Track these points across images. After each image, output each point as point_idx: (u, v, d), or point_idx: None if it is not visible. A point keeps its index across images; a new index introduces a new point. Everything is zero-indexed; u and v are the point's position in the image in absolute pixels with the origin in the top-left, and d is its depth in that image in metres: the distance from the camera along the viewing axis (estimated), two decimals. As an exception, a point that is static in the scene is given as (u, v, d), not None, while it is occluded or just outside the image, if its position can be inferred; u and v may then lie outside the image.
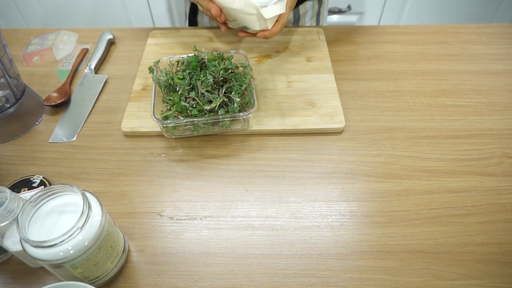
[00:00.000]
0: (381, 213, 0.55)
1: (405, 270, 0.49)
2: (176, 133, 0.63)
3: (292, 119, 0.65)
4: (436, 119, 0.67)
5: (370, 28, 0.87)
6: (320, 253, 0.51)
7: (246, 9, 0.61)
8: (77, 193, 0.42)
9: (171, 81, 0.63)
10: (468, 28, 0.86)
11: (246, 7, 0.61)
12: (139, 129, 0.64)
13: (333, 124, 0.64)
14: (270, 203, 0.56)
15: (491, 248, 0.51)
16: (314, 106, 0.67)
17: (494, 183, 0.58)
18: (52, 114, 0.69)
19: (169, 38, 0.82)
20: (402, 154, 0.62)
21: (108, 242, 0.44)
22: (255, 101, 0.61)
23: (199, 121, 0.59)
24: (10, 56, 0.63)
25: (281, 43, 0.80)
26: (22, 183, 0.57)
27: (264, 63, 0.76)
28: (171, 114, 0.60)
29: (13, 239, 0.44)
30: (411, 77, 0.75)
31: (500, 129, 0.65)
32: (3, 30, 0.86)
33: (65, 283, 0.41)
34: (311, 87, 0.71)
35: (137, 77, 0.74)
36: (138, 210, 0.56)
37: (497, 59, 0.78)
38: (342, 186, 0.58)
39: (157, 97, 0.64)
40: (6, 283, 0.49)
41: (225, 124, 0.61)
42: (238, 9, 0.61)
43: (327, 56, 0.77)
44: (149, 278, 0.49)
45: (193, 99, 0.61)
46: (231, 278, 0.49)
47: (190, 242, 0.52)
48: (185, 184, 0.59)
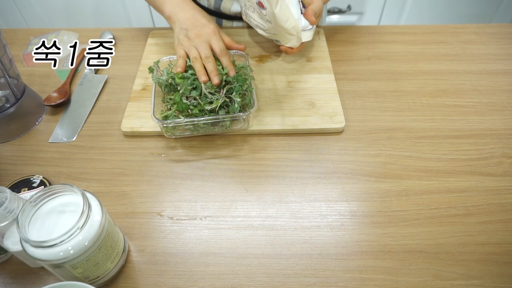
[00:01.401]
0: (381, 213, 0.55)
1: (405, 270, 0.49)
2: (176, 133, 0.63)
3: (292, 119, 0.65)
4: (436, 119, 0.67)
5: (370, 28, 0.87)
6: (320, 253, 0.51)
7: (292, 30, 0.65)
8: (77, 193, 0.42)
9: (172, 81, 0.63)
10: (468, 28, 0.86)
11: (292, 29, 0.65)
12: (139, 129, 0.64)
13: (333, 124, 0.64)
14: (270, 203, 0.56)
15: (491, 248, 0.51)
16: (314, 106, 0.67)
17: (494, 183, 0.58)
18: (52, 114, 0.69)
19: (169, 38, 0.82)
20: (402, 154, 0.62)
21: (108, 242, 0.44)
22: (255, 101, 0.61)
23: (199, 121, 0.59)
24: (10, 56, 0.63)
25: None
26: (22, 183, 0.57)
27: (264, 63, 0.76)
28: (171, 113, 0.60)
29: (13, 239, 0.44)
30: (411, 77, 0.75)
31: (500, 129, 0.65)
32: (3, 30, 0.86)
33: (65, 283, 0.41)
34: (311, 87, 0.71)
35: (137, 77, 0.74)
36: (138, 210, 0.56)
37: (497, 59, 0.78)
38: (342, 186, 0.58)
39: (157, 97, 0.64)
40: (6, 283, 0.49)
41: (226, 124, 0.61)
42: (286, 28, 0.64)
43: (327, 56, 0.77)
44: (149, 278, 0.49)
45: (194, 99, 0.61)
46: (231, 278, 0.49)
47: (190, 242, 0.52)
48: (185, 184, 0.59)
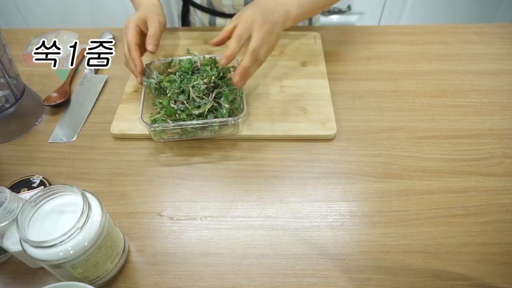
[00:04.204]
0: (381, 213, 0.55)
1: (405, 270, 0.49)
2: (165, 136, 0.62)
3: (282, 125, 0.64)
4: (436, 119, 0.67)
5: (370, 28, 0.87)
6: (320, 253, 0.51)
7: None
8: (77, 193, 0.42)
9: (161, 84, 0.62)
10: (468, 28, 0.86)
11: None
12: (128, 132, 0.64)
13: (324, 131, 0.63)
14: (270, 203, 0.56)
15: (491, 248, 0.51)
16: (306, 112, 0.66)
17: (494, 183, 0.58)
18: (52, 114, 0.69)
19: (165, 40, 0.81)
20: (402, 154, 0.62)
21: (108, 242, 0.44)
22: (244, 106, 0.60)
23: (187, 126, 0.59)
24: (10, 56, 0.62)
25: (276, 47, 0.79)
26: (22, 183, 0.57)
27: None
28: (159, 117, 0.59)
29: (13, 239, 0.44)
30: (411, 77, 0.75)
31: (500, 129, 0.65)
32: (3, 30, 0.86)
33: (65, 283, 0.41)
34: (304, 92, 0.70)
35: (130, 79, 0.73)
36: (138, 210, 0.56)
37: (497, 59, 0.78)
38: (342, 186, 0.58)
39: (147, 100, 0.63)
40: (6, 283, 0.49)
41: (214, 129, 0.60)
42: None
43: (322, 61, 0.76)
44: (149, 278, 0.49)
45: (182, 103, 0.60)
46: (231, 278, 0.49)
47: (190, 242, 0.52)
48: (185, 184, 0.59)
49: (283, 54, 0.78)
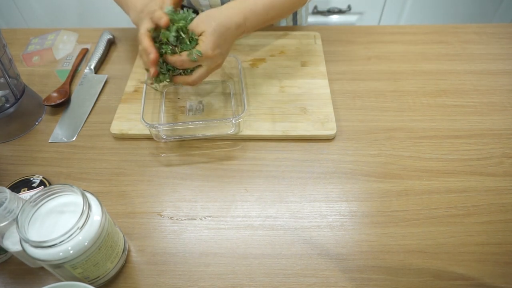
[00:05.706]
0: (381, 213, 0.55)
1: (405, 270, 0.49)
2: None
3: (282, 125, 0.64)
4: (436, 119, 0.67)
5: (370, 28, 0.87)
6: (320, 253, 0.51)
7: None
8: (77, 193, 0.42)
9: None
10: (468, 28, 0.86)
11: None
12: (128, 132, 0.64)
13: (324, 131, 0.63)
14: (270, 203, 0.56)
15: (491, 248, 0.51)
16: (306, 112, 0.66)
17: (494, 183, 0.58)
18: (52, 114, 0.69)
19: None
20: (402, 154, 0.62)
21: (108, 242, 0.44)
22: (245, 106, 0.60)
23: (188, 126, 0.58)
24: (10, 56, 0.62)
25: (276, 47, 0.79)
26: (22, 183, 0.57)
27: (258, 67, 0.75)
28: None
29: (13, 239, 0.44)
30: (411, 77, 0.75)
31: (500, 129, 0.65)
32: (3, 30, 0.86)
33: (65, 283, 0.41)
34: (304, 92, 0.70)
35: (130, 79, 0.73)
36: (138, 210, 0.56)
37: (497, 59, 0.78)
38: (342, 186, 0.58)
39: (147, 100, 0.63)
40: (6, 283, 0.49)
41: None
42: None
43: (322, 61, 0.76)
44: (149, 278, 0.49)
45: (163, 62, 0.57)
46: (231, 278, 0.49)
47: (190, 242, 0.52)
48: (185, 184, 0.59)
49: (283, 54, 0.78)
